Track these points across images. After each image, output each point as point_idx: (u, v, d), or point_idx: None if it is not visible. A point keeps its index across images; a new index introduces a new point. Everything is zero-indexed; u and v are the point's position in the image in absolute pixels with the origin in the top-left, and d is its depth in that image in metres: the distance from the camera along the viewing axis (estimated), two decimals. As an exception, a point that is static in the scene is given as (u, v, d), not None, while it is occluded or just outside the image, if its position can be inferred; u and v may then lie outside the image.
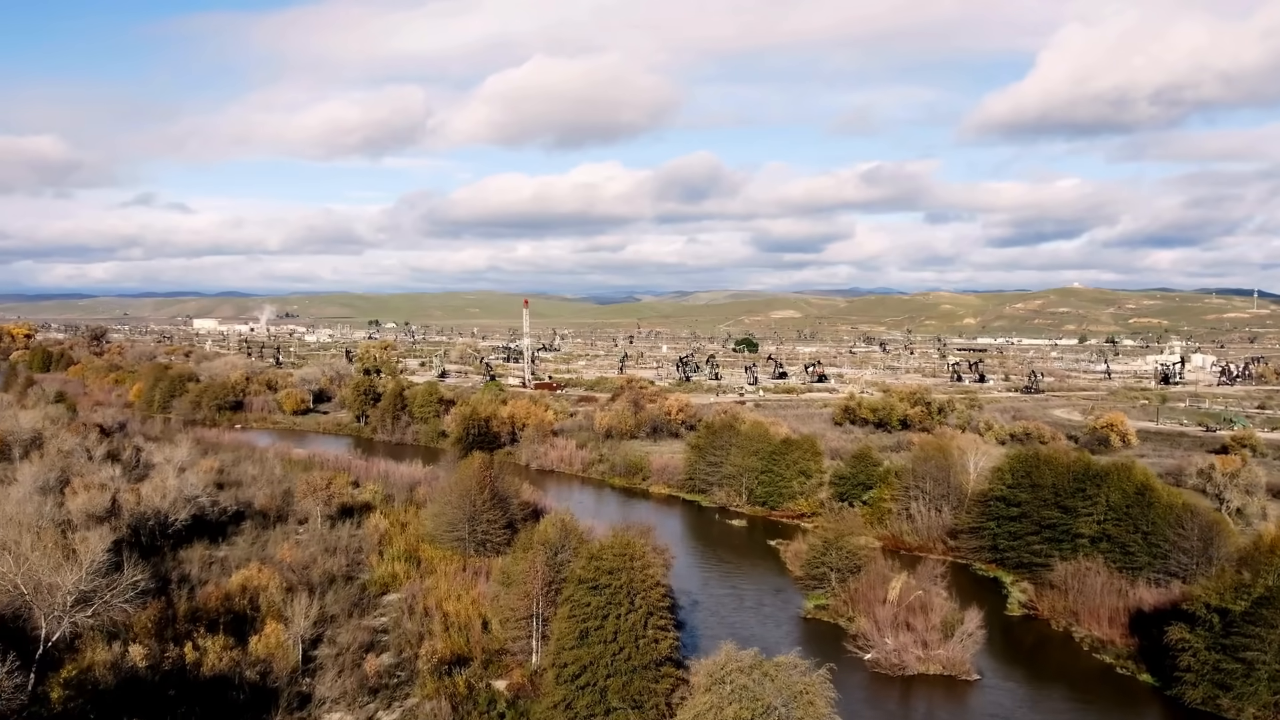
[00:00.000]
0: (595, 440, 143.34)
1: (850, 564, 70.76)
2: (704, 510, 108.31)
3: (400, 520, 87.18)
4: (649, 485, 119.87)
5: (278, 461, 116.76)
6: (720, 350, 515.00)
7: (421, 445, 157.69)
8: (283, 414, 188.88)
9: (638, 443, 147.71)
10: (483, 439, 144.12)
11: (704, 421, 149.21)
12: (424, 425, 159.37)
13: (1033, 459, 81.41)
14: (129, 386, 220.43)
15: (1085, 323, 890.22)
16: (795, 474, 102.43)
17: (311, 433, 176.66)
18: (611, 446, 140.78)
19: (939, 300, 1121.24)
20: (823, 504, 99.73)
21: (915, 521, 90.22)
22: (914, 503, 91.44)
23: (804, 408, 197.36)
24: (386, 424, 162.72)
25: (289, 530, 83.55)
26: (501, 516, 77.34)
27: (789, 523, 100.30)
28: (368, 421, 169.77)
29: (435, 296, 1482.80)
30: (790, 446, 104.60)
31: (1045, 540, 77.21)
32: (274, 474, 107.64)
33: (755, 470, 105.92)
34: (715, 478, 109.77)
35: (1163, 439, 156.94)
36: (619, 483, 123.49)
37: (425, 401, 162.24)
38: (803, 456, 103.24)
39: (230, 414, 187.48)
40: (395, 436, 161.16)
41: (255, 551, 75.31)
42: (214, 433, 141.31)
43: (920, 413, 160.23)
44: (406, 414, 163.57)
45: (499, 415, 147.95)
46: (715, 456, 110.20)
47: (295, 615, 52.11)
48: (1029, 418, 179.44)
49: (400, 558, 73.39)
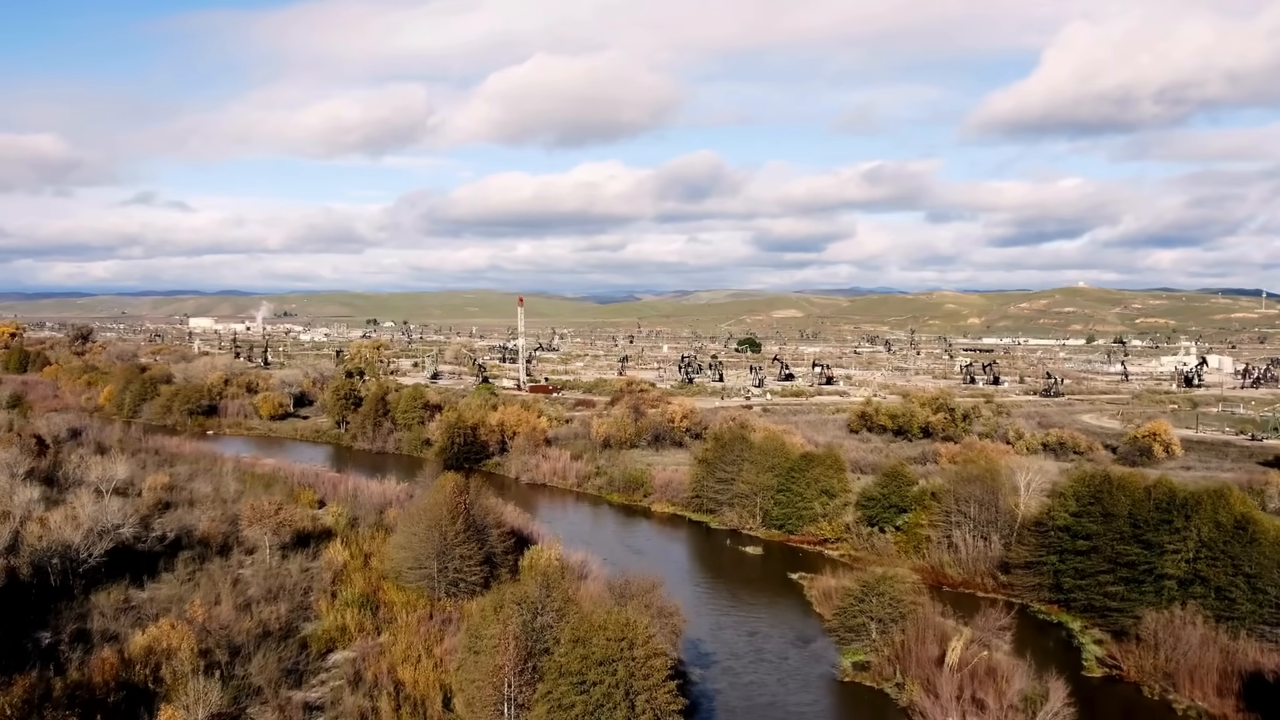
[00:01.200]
0: (592, 450, 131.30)
1: (894, 613, 58.71)
2: (713, 533, 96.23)
3: (364, 550, 75.18)
4: (651, 503, 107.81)
5: (236, 476, 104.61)
6: (722, 350, 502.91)
7: (404, 454, 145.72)
8: (259, 419, 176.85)
9: (638, 452, 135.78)
10: (469, 449, 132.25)
11: (711, 431, 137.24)
12: (407, 433, 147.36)
13: (1102, 481, 69.30)
14: (100, 389, 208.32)
15: (1091, 323, 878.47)
16: (817, 494, 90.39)
17: (288, 440, 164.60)
18: (610, 457, 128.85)
19: (942, 300, 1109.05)
20: (848, 529, 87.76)
21: (959, 552, 78.18)
22: (957, 530, 79.42)
23: (815, 413, 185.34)
24: (367, 431, 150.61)
25: (231, 564, 71.60)
26: (478, 551, 65.32)
27: (810, 549, 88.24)
28: (347, 428, 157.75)
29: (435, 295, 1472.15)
30: (811, 462, 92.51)
31: (1121, 580, 65.13)
32: (228, 492, 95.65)
33: (771, 489, 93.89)
34: (725, 496, 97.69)
35: (1206, 449, 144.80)
36: (617, 499, 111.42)
37: (409, 407, 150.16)
38: (825, 474, 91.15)
39: (202, 419, 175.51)
40: (376, 445, 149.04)
41: (187, 592, 63.40)
42: (175, 442, 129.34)
43: (943, 420, 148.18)
44: (389, 420, 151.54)
45: (487, 423, 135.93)
46: (725, 472, 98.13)
47: (193, 701, 40.12)
48: (1057, 424, 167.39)
49: (355, 603, 61.34)
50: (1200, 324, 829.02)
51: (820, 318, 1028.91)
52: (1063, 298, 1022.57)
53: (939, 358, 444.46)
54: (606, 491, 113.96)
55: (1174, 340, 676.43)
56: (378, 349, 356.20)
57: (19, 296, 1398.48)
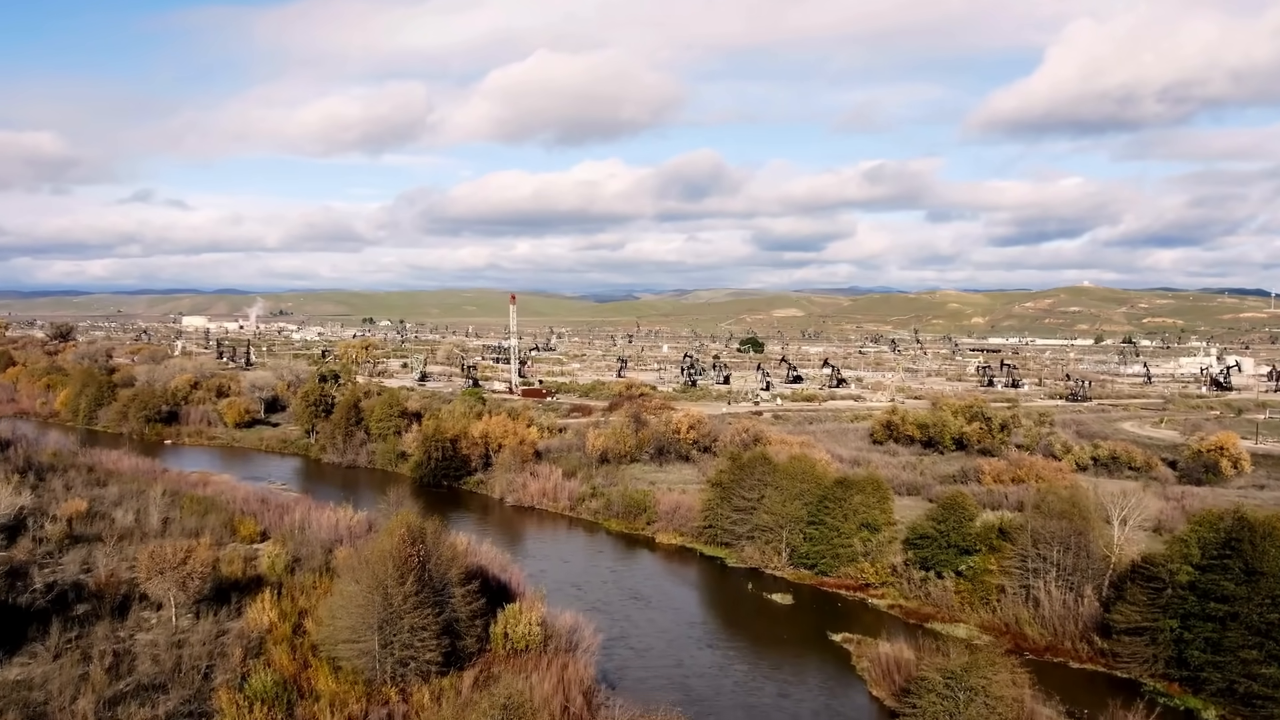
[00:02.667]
0: (587, 467, 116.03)
1: (990, 716, 43.42)
2: (729, 573, 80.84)
3: (299, 607, 59.87)
4: (655, 531, 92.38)
5: (172, 501, 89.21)
6: (724, 350, 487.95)
7: (378, 468, 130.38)
8: (224, 427, 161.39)
9: (639, 467, 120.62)
10: (448, 464, 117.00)
11: (722, 443, 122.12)
12: (382, 444, 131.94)
13: (1238, 527, 54.02)
14: (59, 392, 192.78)
15: (1098, 322, 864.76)
16: (856, 528, 75.11)
17: (253, 450, 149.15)
18: (608, 474, 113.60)
19: (945, 299, 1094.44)
20: (895, 571, 72.52)
21: (1041, 608, 62.93)
22: (1036, 578, 64.22)
23: (831, 420, 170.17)
24: (337, 442, 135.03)
25: (128, 627, 56.38)
26: (434, 619, 49.98)
27: (849, 596, 72.93)
28: (317, 438, 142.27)
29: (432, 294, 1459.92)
30: (848, 489, 77.16)
31: (1276, 660, 49.96)
32: (152, 524, 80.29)
33: (799, 521, 78.59)
34: (744, 528, 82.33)
35: (1274, 463, 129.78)
36: (616, 527, 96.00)
37: (383, 415, 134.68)
38: (865, 503, 75.83)
39: (161, 427, 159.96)
40: (347, 457, 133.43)
41: (50, 674, 48.25)
42: (115, 456, 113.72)
43: (978, 430, 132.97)
44: (362, 430, 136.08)
45: (469, 434, 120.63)
46: (744, 499, 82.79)
47: None
48: (1098, 435, 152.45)
49: (268, 694, 45.96)
50: (1209, 324, 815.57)
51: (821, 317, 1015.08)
52: (1068, 297, 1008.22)
53: (947, 358, 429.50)
54: (604, 517, 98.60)
55: (1184, 340, 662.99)
56: (366, 349, 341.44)
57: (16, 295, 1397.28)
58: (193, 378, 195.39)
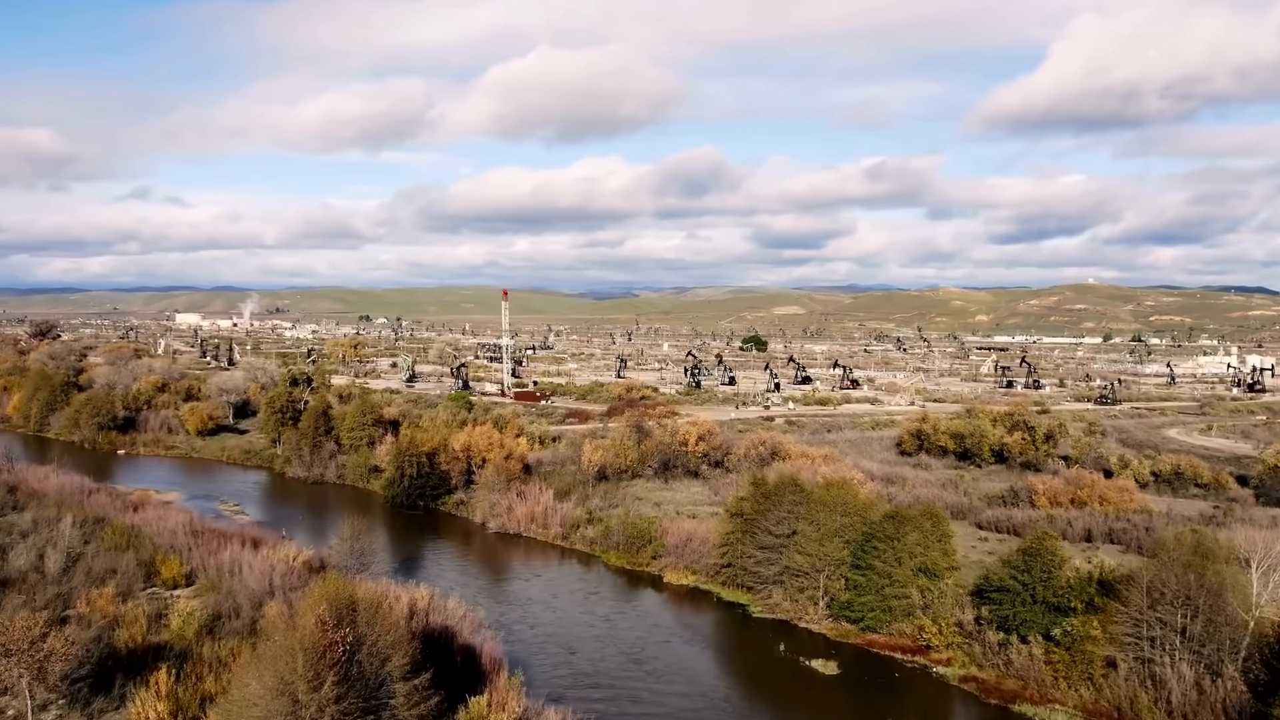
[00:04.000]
0: (583, 485, 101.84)
1: None
2: (754, 625, 66.61)
3: (204, 691, 45.72)
4: (662, 568, 78.10)
5: (90, 531, 75.00)
6: (726, 348, 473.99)
7: (348, 484, 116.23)
8: (186, 435, 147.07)
9: (642, 484, 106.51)
10: (424, 482, 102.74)
11: (734, 455, 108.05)
12: (353, 456, 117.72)
13: None
14: (14, 395, 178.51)
15: (1104, 320, 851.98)
16: (911, 573, 60.91)
17: (214, 462, 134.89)
18: (606, 493, 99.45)
19: (949, 296, 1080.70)
20: (963, 630, 58.33)
21: (1165, 689, 48.76)
22: (1157, 649, 50.06)
23: (849, 426, 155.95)
24: (303, 454, 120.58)
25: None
26: None
27: (908, 662, 58.71)
28: (283, 449, 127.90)
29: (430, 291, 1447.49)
30: (901, 525, 62.90)
31: None
32: (53, 568, 65.99)
33: (841, 563, 64.42)
34: (772, 569, 68.08)
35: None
36: (616, 560, 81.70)
37: (355, 424, 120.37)
38: (923, 542, 61.61)
39: (115, 435, 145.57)
40: (314, 471, 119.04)
41: None
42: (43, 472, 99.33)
43: (1021, 441, 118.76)
44: (332, 440, 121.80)
45: (450, 447, 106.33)
46: (770, 535, 68.52)
47: None
48: (1146, 444, 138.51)
49: None
50: (1217, 322, 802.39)
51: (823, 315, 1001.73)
52: (1073, 294, 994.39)
53: (957, 357, 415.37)
54: (601, 548, 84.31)
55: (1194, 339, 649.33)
56: (355, 347, 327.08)
57: (14, 292, 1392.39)
58: (160, 379, 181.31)
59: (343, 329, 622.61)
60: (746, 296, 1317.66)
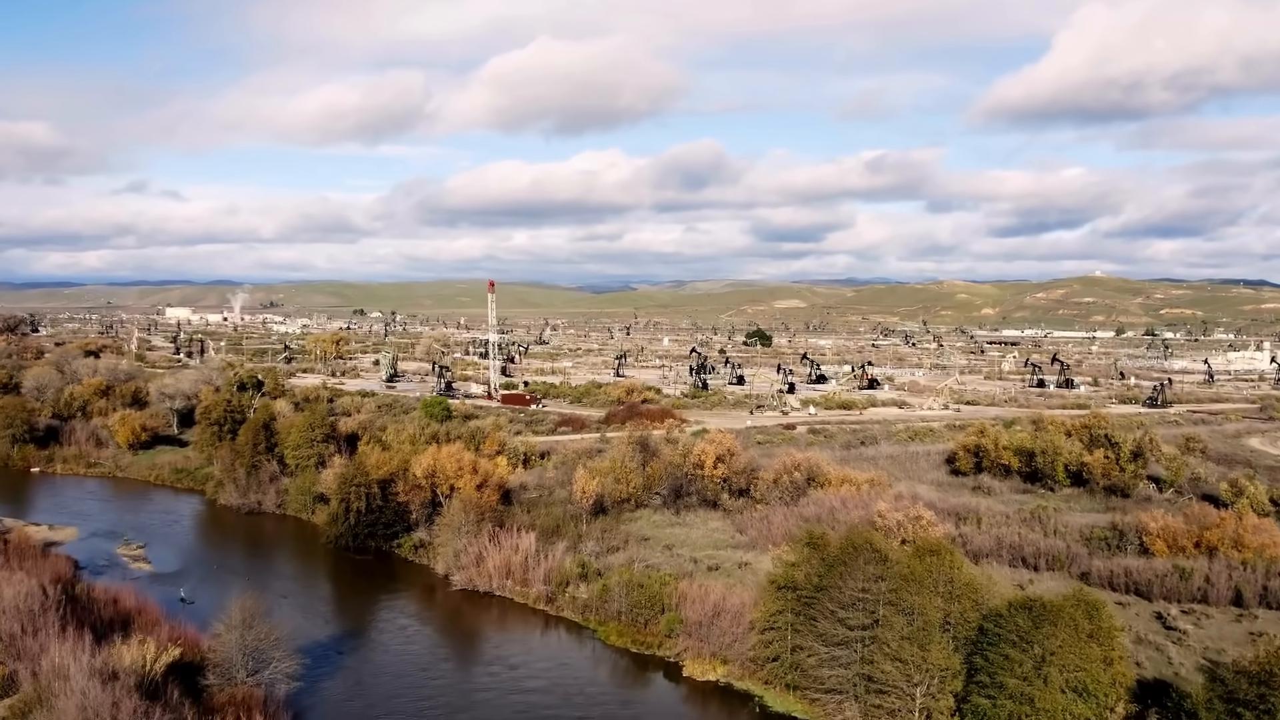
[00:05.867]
0: (575, 521, 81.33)
1: None
2: (817, 754, 46.24)
3: None
4: (680, 651, 57.61)
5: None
6: (728, 343, 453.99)
7: (290, 514, 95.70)
8: (118, 448, 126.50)
9: (648, 517, 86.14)
10: (375, 518, 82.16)
11: (762, 480, 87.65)
12: (296, 480, 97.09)
13: None
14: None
15: (1114, 313, 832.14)
16: (1056, 687, 40.53)
17: (142, 482, 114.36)
18: (604, 532, 78.95)
19: (953, 289, 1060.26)
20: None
21: None
22: None
23: (886, 437, 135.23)
24: (238, 477, 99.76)
25: None
26: None
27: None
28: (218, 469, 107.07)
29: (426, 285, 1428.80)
30: (1038, 619, 42.43)
31: None
32: None
33: (950, 671, 44.04)
34: (843, 673, 47.62)
35: None
36: (618, 639, 60.99)
37: (302, 440, 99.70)
38: (1075, 646, 41.21)
39: (32, 449, 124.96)
40: (250, 499, 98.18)
41: None
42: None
43: (1104, 460, 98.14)
44: (275, 459, 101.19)
45: (411, 472, 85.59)
46: (840, 624, 48.07)
47: None
48: (1233, 459, 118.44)
49: None
50: (1229, 315, 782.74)
51: (825, 308, 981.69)
52: (1081, 287, 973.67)
53: (973, 352, 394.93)
54: (597, 618, 63.67)
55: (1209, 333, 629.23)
56: (337, 343, 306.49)
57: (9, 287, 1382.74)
58: (103, 382, 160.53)
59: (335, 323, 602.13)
60: (746, 290, 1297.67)
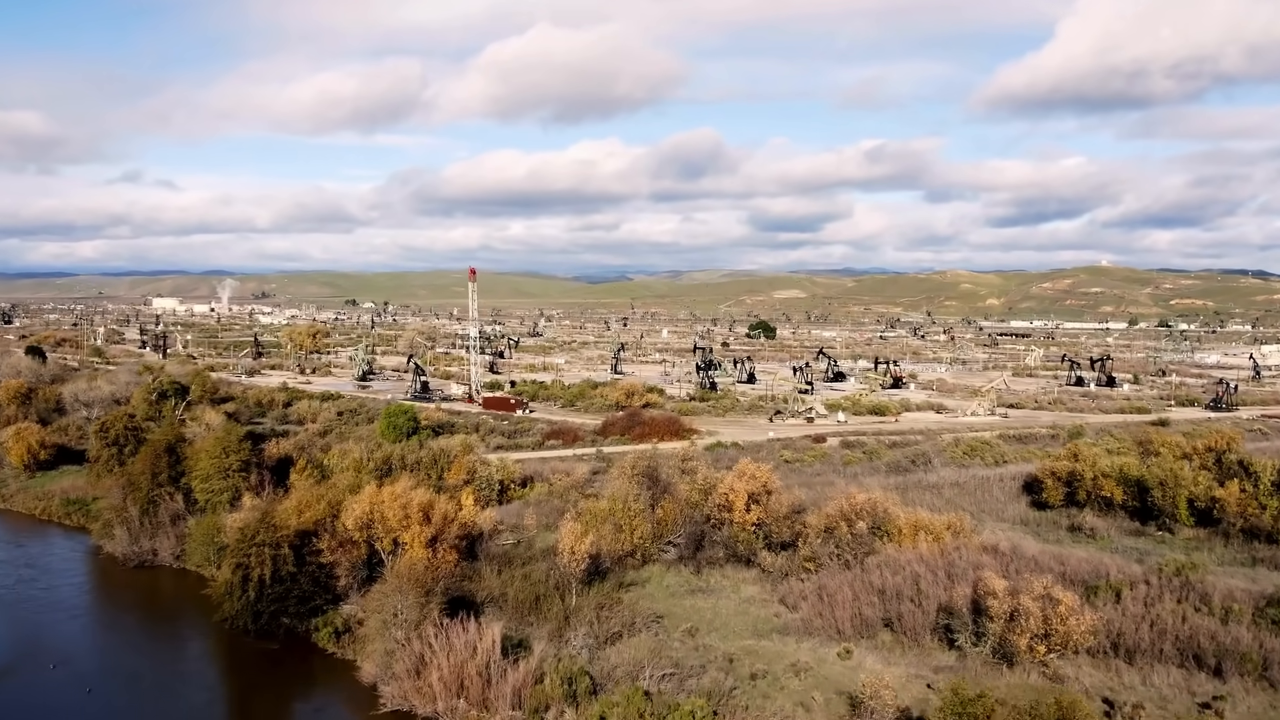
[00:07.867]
0: (561, 593, 59.09)
1: None
2: None
3: None
4: None
5: None
6: (730, 334, 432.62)
7: (190, 570, 73.38)
8: (13, 470, 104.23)
9: (658, 578, 64.11)
10: (287, 588, 59.67)
11: (811, 526, 65.80)
12: (201, 522, 74.64)
13: None
14: None
15: (1123, 304, 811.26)
16: None
17: (25, 517, 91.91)
18: (600, 606, 56.80)
19: (957, 279, 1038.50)
20: None
21: None
22: None
23: (936, 453, 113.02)
24: (129, 516, 77.32)
25: None
26: None
27: None
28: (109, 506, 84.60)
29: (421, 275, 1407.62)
30: None
31: None
32: None
33: None
34: None
35: None
36: (621, 817, 39.21)
37: (213, 469, 77.29)
38: None
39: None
40: (142, 546, 75.54)
41: None
42: None
43: (1241, 495, 76.14)
44: (181, 493, 78.84)
45: (342, 520, 63.17)
46: None
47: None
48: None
49: None
50: (1243, 306, 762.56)
51: (825, 299, 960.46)
52: (1088, 277, 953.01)
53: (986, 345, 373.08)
54: (590, 774, 41.81)
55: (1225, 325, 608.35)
56: (314, 336, 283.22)
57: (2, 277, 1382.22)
58: (25, 385, 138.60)
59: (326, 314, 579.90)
60: (744, 280, 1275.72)
